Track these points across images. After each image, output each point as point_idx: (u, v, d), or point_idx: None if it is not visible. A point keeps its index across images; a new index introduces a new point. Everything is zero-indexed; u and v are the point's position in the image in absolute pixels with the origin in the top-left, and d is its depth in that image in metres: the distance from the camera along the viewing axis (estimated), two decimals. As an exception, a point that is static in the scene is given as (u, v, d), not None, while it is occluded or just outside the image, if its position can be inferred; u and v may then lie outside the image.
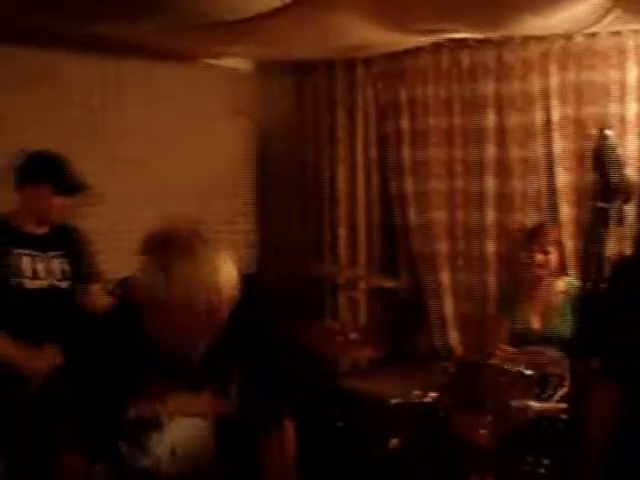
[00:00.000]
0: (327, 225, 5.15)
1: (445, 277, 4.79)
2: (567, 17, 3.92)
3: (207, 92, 4.88)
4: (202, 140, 4.83)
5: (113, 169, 4.34)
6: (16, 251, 3.23)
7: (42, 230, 3.35)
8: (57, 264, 3.35)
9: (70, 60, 4.18)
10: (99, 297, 3.50)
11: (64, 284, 3.35)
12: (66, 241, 3.43)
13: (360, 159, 5.04)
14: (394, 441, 3.60)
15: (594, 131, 3.68)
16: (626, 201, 1.55)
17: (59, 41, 3.99)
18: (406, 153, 4.89)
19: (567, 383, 3.20)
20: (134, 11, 3.46)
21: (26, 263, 3.25)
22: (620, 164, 1.54)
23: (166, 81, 4.67)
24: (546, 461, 3.21)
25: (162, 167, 4.60)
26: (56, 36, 3.91)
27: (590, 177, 4.25)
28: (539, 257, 3.92)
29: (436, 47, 4.73)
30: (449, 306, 4.78)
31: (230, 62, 5.04)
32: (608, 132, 1.59)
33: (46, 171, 3.28)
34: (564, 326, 3.76)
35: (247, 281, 1.98)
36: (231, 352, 1.99)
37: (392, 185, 4.99)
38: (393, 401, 3.70)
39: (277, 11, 3.63)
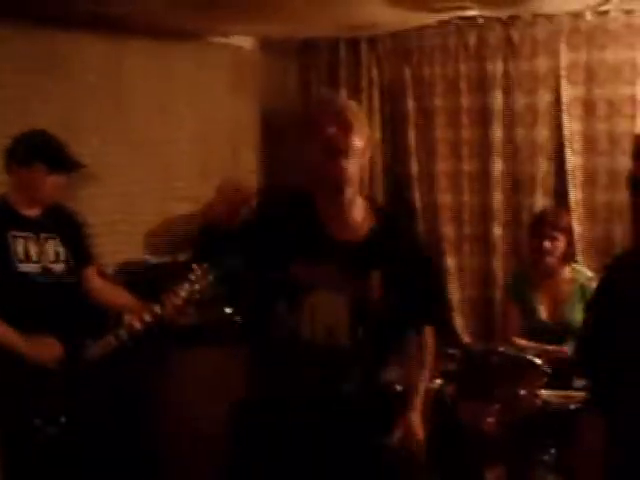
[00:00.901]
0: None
1: (451, 261, 4.71)
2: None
3: (213, 70, 4.85)
4: (207, 118, 4.81)
5: (119, 148, 4.34)
6: (10, 233, 3.16)
7: (35, 212, 3.27)
8: (50, 246, 3.27)
9: (79, 39, 4.16)
10: (94, 280, 3.43)
11: (57, 267, 3.27)
12: (60, 223, 3.34)
13: (364, 140, 4.96)
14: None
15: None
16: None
17: (69, 21, 3.97)
18: (411, 134, 4.81)
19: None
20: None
21: (19, 245, 3.18)
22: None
23: (173, 59, 4.64)
24: (553, 450, 3.15)
25: (167, 145, 4.61)
26: (67, 17, 3.90)
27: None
28: (546, 244, 3.77)
29: (443, 25, 4.64)
30: (455, 291, 4.70)
31: (235, 40, 4.97)
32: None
33: (38, 150, 3.18)
34: (573, 316, 3.67)
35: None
36: (382, 246, 2.33)
37: (397, 167, 4.90)
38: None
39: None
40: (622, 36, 4.25)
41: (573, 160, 4.39)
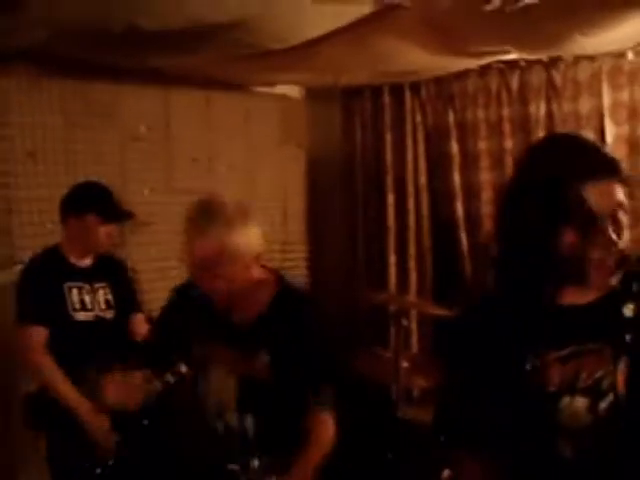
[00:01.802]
0: (378, 252, 5.09)
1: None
2: (618, 35, 3.84)
3: (260, 119, 4.96)
4: (255, 168, 4.89)
5: (167, 197, 4.45)
6: (66, 284, 3.26)
7: (87, 261, 3.38)
8: (102, 295, 3.37)
9: (128, 91, 4.30)
10: (142, 326, 3.50)
11: (109, 314, 3.36)
12: (110, 271, 3.45)
13: (410, 185, 5.00)
14: (446, 472, 3.49)
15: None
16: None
17: (120, 76, 4.14)
18: (456, 177, 4.83)
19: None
20: (187, 44, 3.53)
21: (74, 295, 3.27)
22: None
23: (221, 110, 4.76)
24: None
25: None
26: (118, 71, 4.06)
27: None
28: None
29: (484, 69, 4.68)
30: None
31: (281, 89, 5.08)
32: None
33: (90, 200, 3.30)
34: None
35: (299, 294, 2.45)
36: (270, 328, 2.33)
37: (443, 210, 4.92)
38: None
39: (323, 38, 3.64)
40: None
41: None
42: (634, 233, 4.14)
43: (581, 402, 1.60)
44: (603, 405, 1.59)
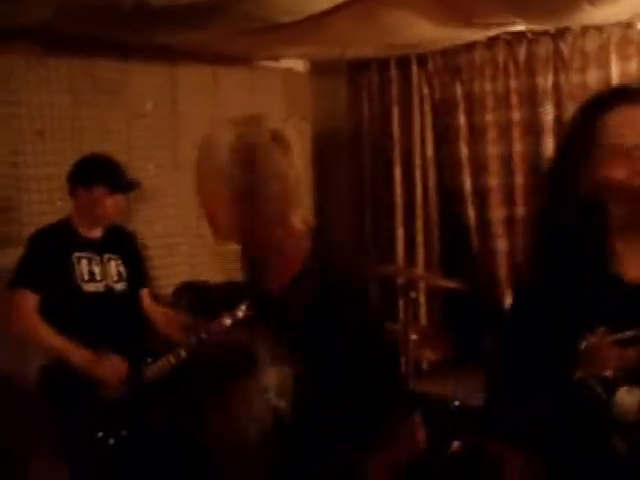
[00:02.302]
0: (385, 225, 5.10)
1: (504, 276, 4.70)
2: (627, 4, 3.81)
3: (265, 93, 4.94)
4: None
5: (176, 175, 4.45)
6: (74, 255, 3.28)
7: (97, 233, 3.39)
8: (113, 266, 3.39)
9: (133, 68, 4.29)
10: (146, 301, 3.53)
11: (120, 286, 3.38)
12: (121, 243, 3.47)
13: (417, 158, 4.99)
14: (456, 444, 3.53)
15: None
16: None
17: (127, 53, 4.14)
18: (463, 150, 4.82)
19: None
20: (196, 19, 3.52)
21: (84, 266, 3.29)
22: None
23: (226, 84, 4.75)
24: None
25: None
26: (125, 48, 4.06)
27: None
28: None
29: (491, 41, 4.65)
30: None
31: (286, 63, 5.06)
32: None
33: (98, 172, 3.31)
34: None
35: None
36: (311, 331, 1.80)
37: (450, 183, 4.92)
38: (455, 403, 3.64)
39: (332, 11, 3.62)
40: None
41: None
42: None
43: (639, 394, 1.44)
44: None
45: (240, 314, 3.20)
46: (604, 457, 1.47)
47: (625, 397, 1.44)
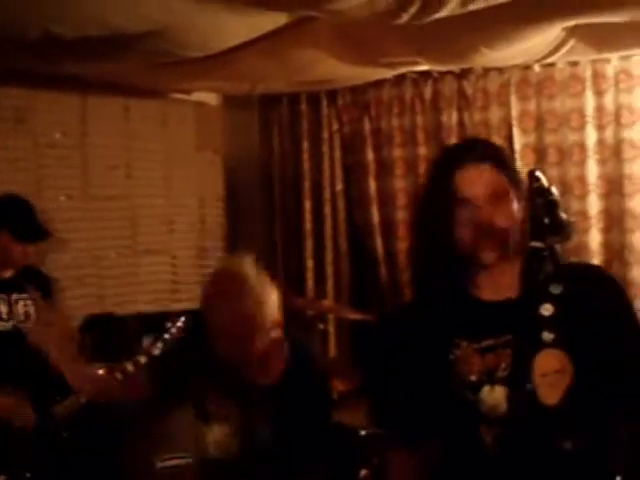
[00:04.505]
0: (296, 258, 5.16)
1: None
2: (524, 49, 4.00)
3: (177, 126, 4.95)
4: (172, 174, 4.89)
5: (87, 206, 4.44)
6: None
7: (7, 273, 3.33)
8: (21, 306, 3.33)
9: (44, 99, 4.25)
10: None
11: (27, 326, 3.31)
12: (31, 283, 3.39)
13: (327, 192, 5.07)
14: (364, 472, 3.58)
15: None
16: (561, 241, 1.57)
17: (35, 81, 4.07)
18: (372, 184, 4.94)
19: None
20: (106, 50, 3.52)
21: None
22: (554, 204, 1.57)
23: (138, 116, 4.74)
24: None
25: (133, 202, 4.70)
26: (31, 77, 3.99)
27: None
28: None
29: (399, 79, 4.80)
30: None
31: (198, 96, 5.09)
32: (538, 174, 1.61)
33: (6, 217, 3.24)
34: None
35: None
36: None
37: (359, 216, 5.02)
38: (362, 432, 3.69)
39: (241, 47, 3.69)
40: (569, 86, 4.44)
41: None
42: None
43: (500, 391, 1.71)
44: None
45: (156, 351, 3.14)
46: (475, 448, 1.75)
47: (487, 395, 1.72)
